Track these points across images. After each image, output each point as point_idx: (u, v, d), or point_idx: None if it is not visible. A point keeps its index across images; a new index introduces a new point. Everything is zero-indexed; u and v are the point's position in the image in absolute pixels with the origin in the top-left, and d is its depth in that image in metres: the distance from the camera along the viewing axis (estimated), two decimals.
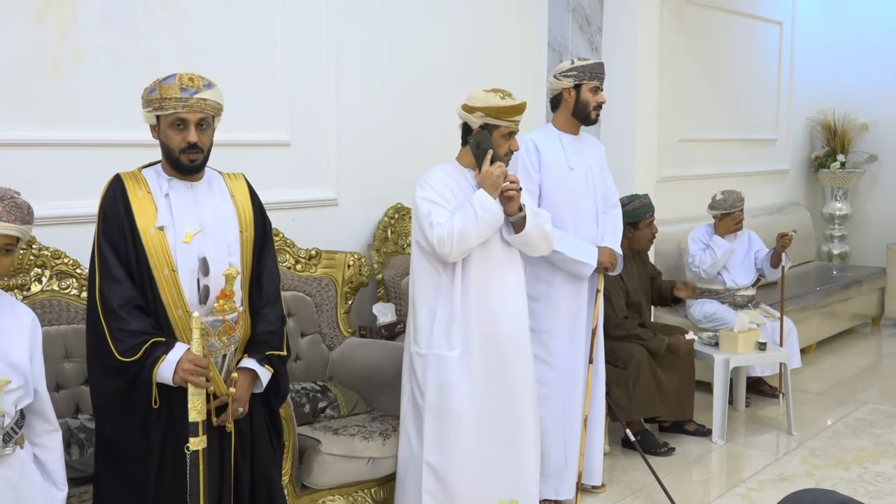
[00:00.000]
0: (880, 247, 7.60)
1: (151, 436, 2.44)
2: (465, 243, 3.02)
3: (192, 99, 2.45)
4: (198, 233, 2.49)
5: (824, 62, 7.90)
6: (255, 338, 2.60)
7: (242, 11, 3.78)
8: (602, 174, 3.82)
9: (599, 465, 3.87)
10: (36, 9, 3.17)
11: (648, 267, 4.79)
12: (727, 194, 5.10)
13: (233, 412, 2.50)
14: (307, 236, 3.94)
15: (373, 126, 4.32)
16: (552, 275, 3.67)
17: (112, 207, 2.46)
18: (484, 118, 3.09)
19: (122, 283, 2.41)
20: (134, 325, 2.38)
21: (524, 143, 3.65)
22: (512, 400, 3.18)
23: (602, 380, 3.87)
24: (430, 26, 4.59)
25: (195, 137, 2.47)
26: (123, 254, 2.44)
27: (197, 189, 2.56)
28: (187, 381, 2.36)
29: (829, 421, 4.92)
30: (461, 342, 3.09)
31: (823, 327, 6.49)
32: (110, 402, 2.44)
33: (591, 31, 5.29)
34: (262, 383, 2.58)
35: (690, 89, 6.42)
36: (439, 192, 3.09)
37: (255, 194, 2.70)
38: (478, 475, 3.11)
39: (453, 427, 3.08)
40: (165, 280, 2.44)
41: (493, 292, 3.15)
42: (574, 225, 3.68)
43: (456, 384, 3.08)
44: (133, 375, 2.38)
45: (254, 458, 2.61)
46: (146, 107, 2.49)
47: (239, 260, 2.57)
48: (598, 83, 3.67)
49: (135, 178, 2.53)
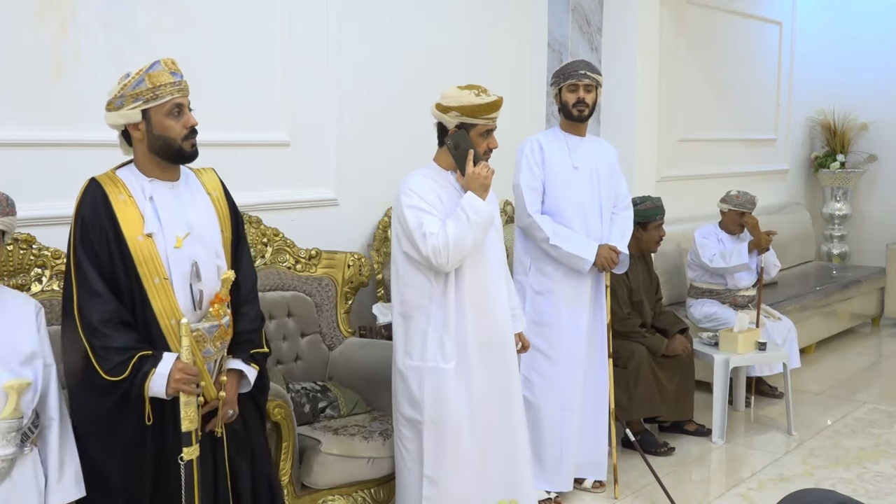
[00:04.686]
0: (880, 247, 7.60)
1: (145, 452, 2.34)
2: (461, 251, 2.91)
3: (182, 82, 2.37)
4: (187, 236, 2.38)
5: (824, 62, 7.90)
6: (237, 337, 2.50)
7: (242, 11, 3.79)
8: (611, 176, 3.88)
9: (604, 459, 3.90)
10: (36, 9, 3.17)
11: (652, 270, 4.80)
12: (742, 193, 5.15)
13: (224, 415, 2.44)
14: (307, 236, 3.94)
15: (373, 126, 4.32)
16: (555, 269, 3.74)
17: (93, 215, 2.31)
18: (459, 117, 2.96)
19: (101, 297, 2.26)
20: (118, 342, 2.25)
21: (530, 142, 3.79)
22: (508, 405, 3.14)
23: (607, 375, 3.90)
24: (430, 26, 4.59)
25: (194, 120, 2.38)
26: (106, 265, 2.30)
27: (178, 189, 2.44)
28: (180, 392, 2.27)
29: (828, 421, 4.92)
30: (456, 353, 2.99)
31: (823, 327, 6.49)
32: (96, 422, 2.32)
33: (591, 31, 5.29)
34: (250, 382, 2.52)
35: (690, 89, 6.42)
36: (426, 198, 2.95)
37: (227, 189, 2.59)
38: (477, 483, 3.06)
39: (452, 440, 3.00)
40: (156, 289, 2.32)
41: (488, 297, 3.07)
42: (581, 222, 3.75)
43: (453, 397, 2.99)
44: (122, 394, 2.27)
45: (253, 457, 2.57)
46: (133, 102, 2.32)
47: (225, 261, 2.48)
48: (573, 81, 3.74)
49: (112, 181, 2.37)
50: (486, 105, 2.95)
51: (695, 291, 5.26)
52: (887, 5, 7.72)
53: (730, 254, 5.03)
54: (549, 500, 3.76)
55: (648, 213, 4.52)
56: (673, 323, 4.61)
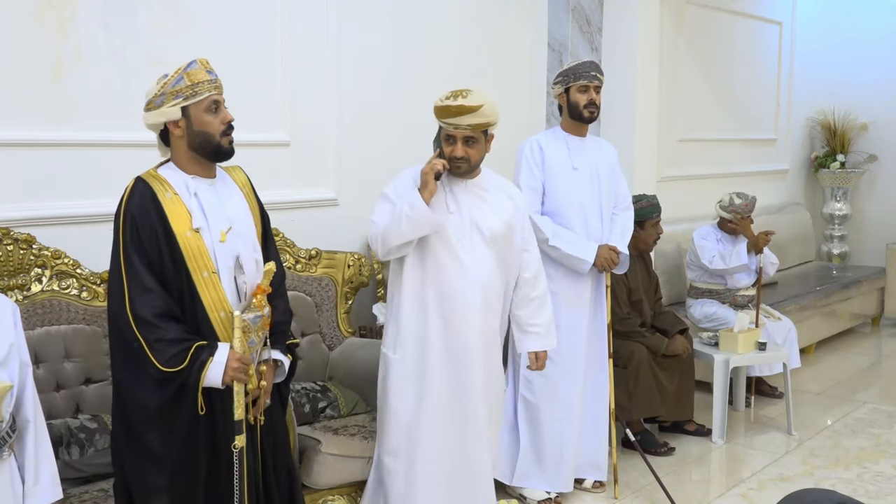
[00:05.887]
0: (880, 247, 7.61)
1: (199, 443, 2.39)
2: (387, 242, 2.87)
3: (217, 80, 2.45)
4: (229, 230, 2.45)
5: (824, 62, 7.90)
6: (272, 328, 2.55)
7: (242, 11, 3.79)
8: (611, 176, 3.87)
9: (604, 460, 3.90)
10: (36, 9, 3.17)
11: (651, 269, 4.80)
12: (748, 200, 5.11)
13: (262, 404, 2.49)
14: (307, 236, 3.94)
15: (373, 126, 4.32)
16: (554, 270, 3.71)
17: (142, 213, 2.35)
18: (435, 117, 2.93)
19: (154, 293, 2.32)
20: (171, 334, 2.31)
21: (530, 143, 3.78)
22: (462, 418, 3.00)
23: (607, 376, 3.90)
24: (430, 26, 4.59)
25: (231, 115, 2.45)
26: (155, 261, 2.35)
27: (217, 186, 2.51)
28: (235, 381, 2.35)
29: (828, 421, 4.93)
30: (402, 347, 2.98)
31: (823, 327, 6.49)
32: (155, 416, 2.34)
33: (591, 31, 5.29)
34: (284, 371, 2.59)
35: (690, 89, 6.42)
36: (400, 190, 2.93)
37: (253, 186, 2.67)
38: (427, 473, 3.00)
39: (390, 426, 3.01)
40: (205, 282, 2.39)
41: (456, 306, 2.94)
42: (581, 223, 3.74)
43: (398, 387, 2.99)
44: (180, 384, 2.32)
45: (275, 446, 2.61)
46: (173, 99, 2.38)
47: (261, 254, 2.56)
48: (584, 82, 3.71)
49: (157, 179, 2.43)
50: (441, 108, 2.86)
51: (694, 291, 5.26)
52: (887, 5, 7.72)
53: (729, 255, 5.03)
54: (549, 500, 3.76)
55: (645, 212, 4.51)
56: (673, 323, 4.61)
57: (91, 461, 2.83)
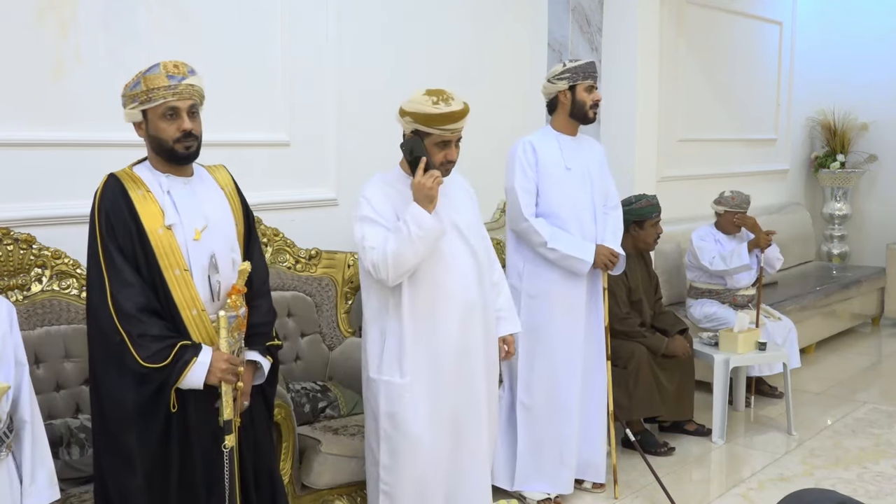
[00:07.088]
0: (880, 247, 7.61)
1: (172, 439, 2.38)
2: (401, 266, 2.73)
3: (181, 85, 2.40)
4: (205, 229, 2.44)
5: (824, 62, 7.90)
6: (250, 329, 2.53)
7: (242, 11, 3.79)
8: (602, 175, 3.84)
9: (602, 461, 3.89)
10: (36, 9, 3.17)
11: (651, 269, 4.79)
12: (736, 194, 5.15)
13: (240, 405, 2.47)
14: (307, 236, 3.94)
15: (373, 126, 4.31)
16: (550, 272, 3.70)
17: (115, 209, 2.36)
18: (413, 124, 2.79)
19: (135, 287, 2.32)
20: (154, 330, 2.30)
21: (522, 143, 3.72)
22: (465, 424, 2.95)
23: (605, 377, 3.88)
24: (429, 26, 4.59)
25: (190, 125, 2.40)
26: (131, 256, 2.34)
27: (193, 184, 2.50)
28: (222, 381, 2.34)
29: (828, 421, 4.93)
30: (412, 369, 2.84)
31: (823, 327, 6.50)
32: (132, 414, 2.32)
33: (591, 31, 5.29)
34: (264, 374, 2.56)
35: (690, 89, 6.42)
36: (377, 207, 2.81)
37: (238, 185, 2.64)
38: (430, 497, 2.94)
39: (407, 455, 2.87)
40: (177, 280, 2.37)
41: (452, 311, 2.88)
42: (575, 223, 3.71)
43: (410, 413, 2.85)
44: (161, 382, 2.31)
45: (256, 450, 2.59)
46: (130, 103, 2.41)
47: (240, 254, 2.54)
48: (591, 82, 3.70)
49: (130, 177, 2.43)
50: (440, 115, 2.75)
51: (694, 291, 5.26)
52: (887, 5, 7.72)
53: (730, 256, 5.02)
54: (549, 499, 3.76)
55: (644, 212, 4.50)
56: (673, 323, 4.61)
57: (91, 461, 2.83)
